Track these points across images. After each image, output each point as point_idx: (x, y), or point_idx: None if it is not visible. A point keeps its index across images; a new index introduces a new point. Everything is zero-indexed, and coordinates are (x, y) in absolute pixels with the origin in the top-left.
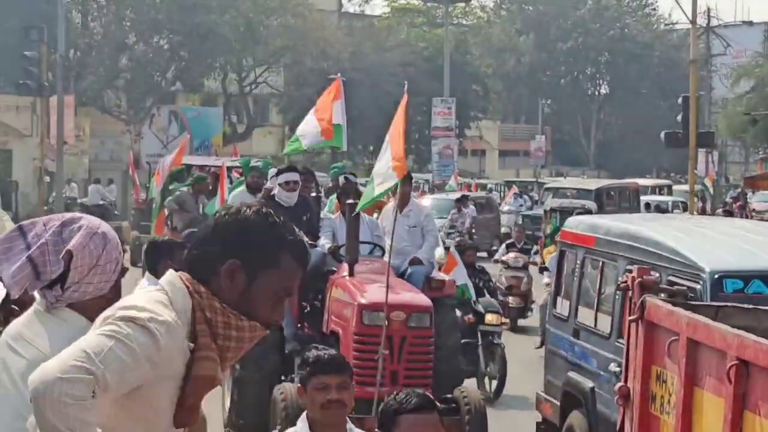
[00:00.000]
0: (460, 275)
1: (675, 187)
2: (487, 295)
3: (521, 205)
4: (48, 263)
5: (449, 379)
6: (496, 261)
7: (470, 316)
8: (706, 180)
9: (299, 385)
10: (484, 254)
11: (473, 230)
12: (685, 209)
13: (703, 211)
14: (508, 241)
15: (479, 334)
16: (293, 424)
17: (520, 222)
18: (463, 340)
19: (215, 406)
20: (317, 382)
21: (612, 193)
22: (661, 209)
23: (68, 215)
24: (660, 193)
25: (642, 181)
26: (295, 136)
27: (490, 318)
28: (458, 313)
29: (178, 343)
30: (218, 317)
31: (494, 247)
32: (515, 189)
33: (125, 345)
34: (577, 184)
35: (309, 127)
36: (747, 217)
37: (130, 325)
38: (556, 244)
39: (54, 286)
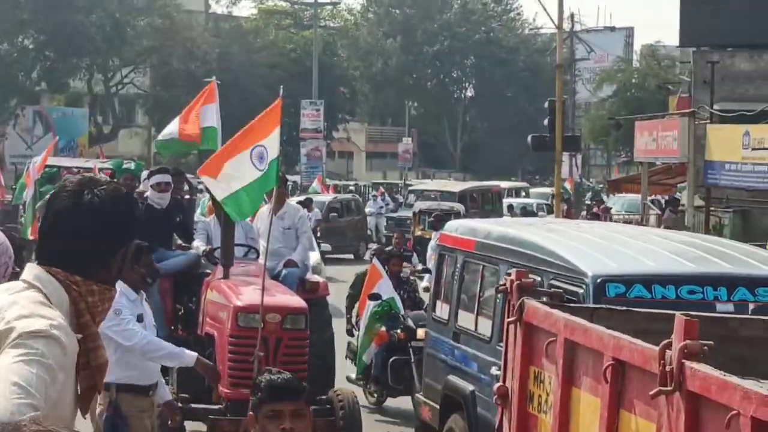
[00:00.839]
0: (385, 288)
1: (532, 190)
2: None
3: (381, 207)
4: None
5: (324, 375)
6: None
7: (400, 331)
8: (566, 183)
9: (250, 413)
10: (350, 256)
11: (318, 233)
12: (549, 212)
13: (569, 214)
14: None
15: (411, 351)
16: (168, 427)
17: (385, 224)
18: (393, 357)
19: None
20: (269, 410)
21: (475, 195)
22: (527, 212)
23: None
24: (518, 196)
25: (501, 184)
26: (169, 139)
27: (421, 333)
28: (383, 328)
29: (72, 340)
30: (95, 298)
31: (360, 250)
32: (382, 190)
33: (43, 365)
34: (442, 186)
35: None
36: (610, 221)
37: (38, 341)
38: None
39: None
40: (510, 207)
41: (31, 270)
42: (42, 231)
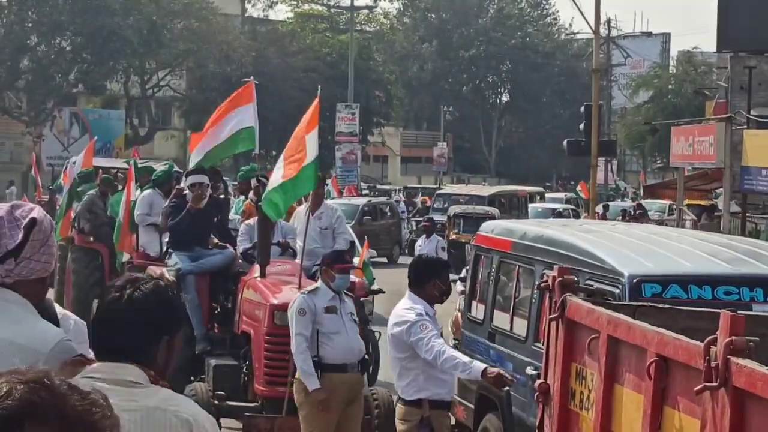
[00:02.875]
0: None
1: (548, 195)
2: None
3: (403, 212)
4: (3, 236)
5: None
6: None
7: None
8: (579, 189)
9: None
10: (384, 259)
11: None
12: (576, 216)
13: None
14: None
15: None
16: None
17: (414, 228)
18: None
19: None
20: None
21: (503, 199)
22: (561, 215)
23: (13, 201)
24: (532, 201)
25: (506, 188)
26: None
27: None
28: None
29: None
30: None
31: (394, 254)
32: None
33: None
34: (469, 190)
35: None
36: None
37: None
38: None
39: (7, 259)
40: (536, 211)
41: (135, 371)
42: (95, 326)
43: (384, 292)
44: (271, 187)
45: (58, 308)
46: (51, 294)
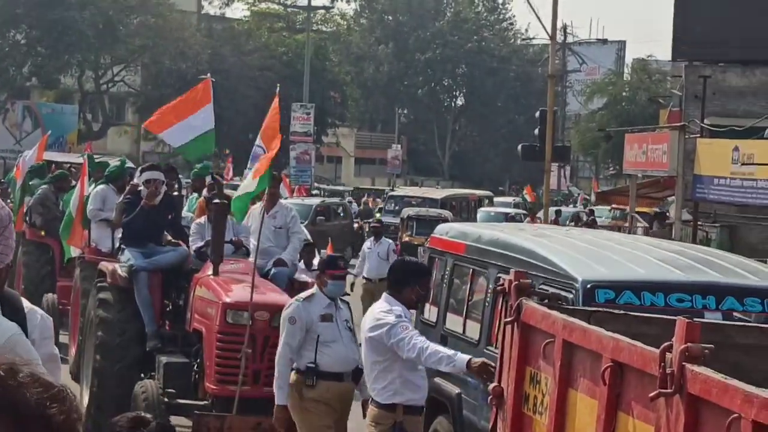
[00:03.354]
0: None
1: (496, 199)
2: None
3: (355, 212)
4: None
5: None
6: None
7: None
8: (525, 193)
9: None
10: None
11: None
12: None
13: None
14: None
15: None
16: (155, 420)
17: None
18: None
19: None
20: None
21: (454, 203)
22: (514, 219)
23: None
24: (481, 205)
25: (460, 191)
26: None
27: None
28: None
29: None
30: None
31: (346, 255)
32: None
33: None
34: (422, 193)
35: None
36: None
37: None
38: None
39: None
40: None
41: None
42: None
43: (349, 294)
44: (243, 192)
45: (25, 302)
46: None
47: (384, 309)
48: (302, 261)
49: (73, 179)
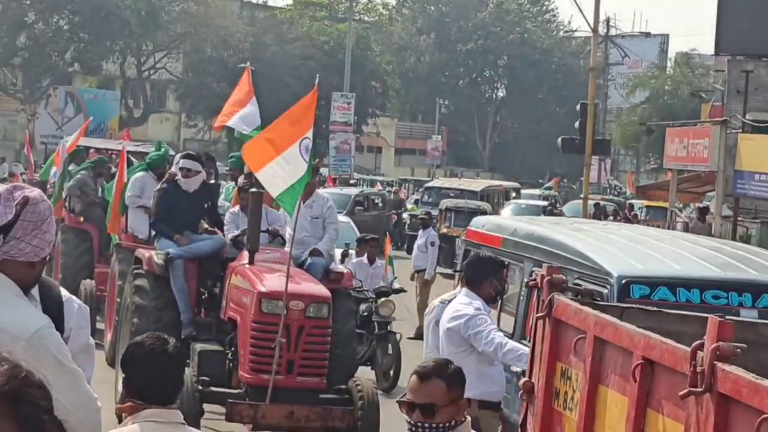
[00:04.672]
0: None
1: (523, 191)
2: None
3: None
4: None
5: (344, 365)
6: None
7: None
8: (551, 184)
9: None
10: None
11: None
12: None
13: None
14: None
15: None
16: (188, 408)
17: (408, 222)
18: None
19: (107, 386)
20: None
21: (491, 195)
22: (553, 213)
23: (14, 184)
24: (507, 197)
25: (492, 183)
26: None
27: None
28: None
29: None
30: None
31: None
32: (378, 186)
33: None
34: (457, 184)
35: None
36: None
37: None
38: None
39: None
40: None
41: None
42: (138, 374)
43: (405, 291)
44: (288, 185)
45: (63, 292)
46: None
47: (464, 302)
48: (365, 255)
49: (113, 166)
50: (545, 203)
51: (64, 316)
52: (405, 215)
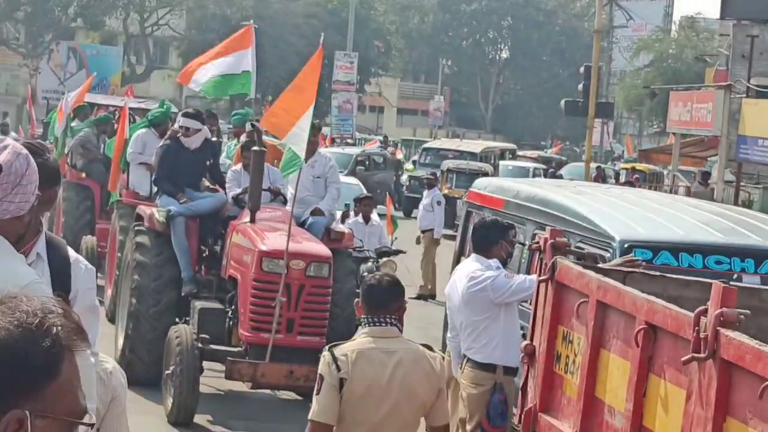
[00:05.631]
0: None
1: (519, 152)
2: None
3: None
4: None
5: (345, 324)
6: None
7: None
8: (551, 150)
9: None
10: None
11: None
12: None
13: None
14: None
15: None
16: (187, 366)
17: (408, 184)
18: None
19: (107, 341)
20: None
21: (489, 156)
22: (555, 176)
23: None
24: (503, 158)
25: (492, 144)
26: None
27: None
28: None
29: None
30: None
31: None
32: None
33: None
34: (456, 145)
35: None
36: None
37: None
38: None
39: None
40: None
41: None
42: None
43: (405, 252)
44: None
45: (71, 252)
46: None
47: (479, 267)
48: (360, 215)
49: (116, 122)
50: (534, 165)
51: (71, 277)
52: (404, 177)
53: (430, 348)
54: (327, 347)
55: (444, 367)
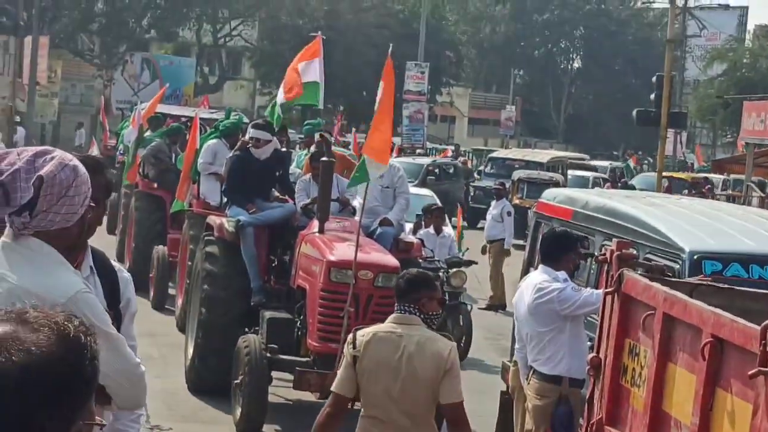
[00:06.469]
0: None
1: (596, 163)
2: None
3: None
4: (18, 189)
5: None
6: None
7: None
8: (630, 161)
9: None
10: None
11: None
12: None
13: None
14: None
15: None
16: (256, 376)
17: (472, 195)
18: None
19: (178, 351)
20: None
21: (556, 166)
22: (628, 186)
23: (42, 147)
24: (572, 168)
25: (560, 153)
26: (274, 103)
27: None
28: None
29: None
30: None
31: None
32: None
33: None
34: (522, 155)
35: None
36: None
37: None
38: None
39: (22, 212)
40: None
41: None
42: None
43: (477, 263)
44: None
45: (113, 262)
46: (113, 243)
47: (546, 279)
48: (432, 226)
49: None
50: (594, 175)
51: (119, 285)
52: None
53: (448, 338)
54: (354, 328)
55: (453, 353)
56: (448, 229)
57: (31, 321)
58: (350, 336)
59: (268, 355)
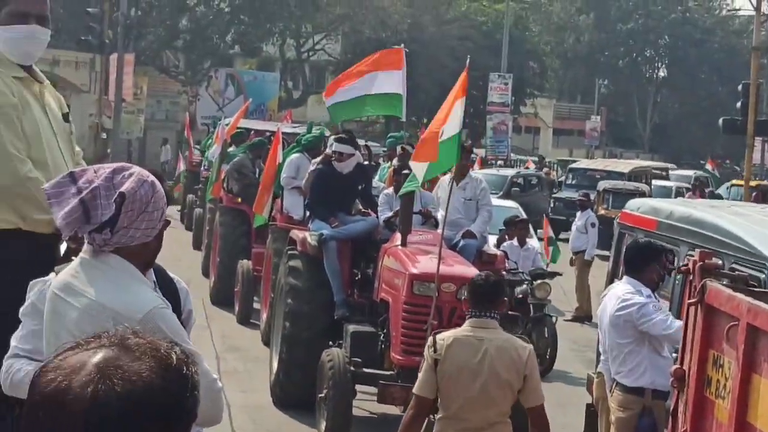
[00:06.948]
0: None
1: (672, 172)
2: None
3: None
4: (99, 206)
5: None
6: None
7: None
8: (708, 165)
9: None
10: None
11: None
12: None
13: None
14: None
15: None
16: (340, 390)
17: (552, 206)
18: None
19: (263, 365)
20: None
21: (639, 176)
22: (714, 195)
23: (119, 164)
24: (655, 178)
25: (643, 163)
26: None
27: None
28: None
29: None
30: None
31: (541, 227)
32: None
33: None
34: (603, 165)
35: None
36: None
37: None
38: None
39: (103, 229)
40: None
41: None
42: None
43: (561, 275)
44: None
45: (170, 273)
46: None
47: (630, 290)
48: (515, 238)
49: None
50: (677, 184)
51: (180, 298)
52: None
53: (525, 340)
54: (434, 332)
55: (531, 356)
56: (532, 242)
57: (133, 348)
58: (430, 339)
59: (352, 368)
